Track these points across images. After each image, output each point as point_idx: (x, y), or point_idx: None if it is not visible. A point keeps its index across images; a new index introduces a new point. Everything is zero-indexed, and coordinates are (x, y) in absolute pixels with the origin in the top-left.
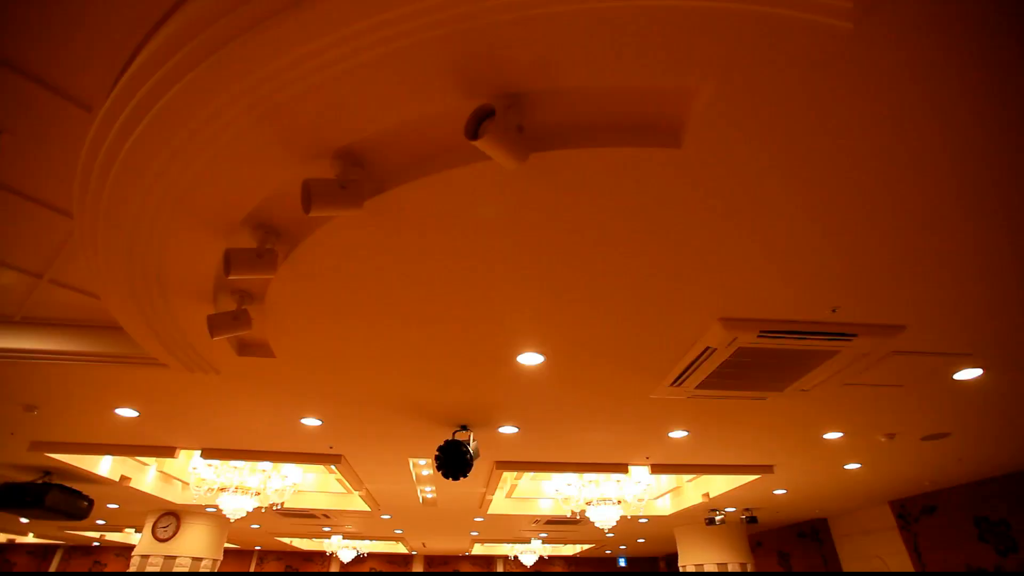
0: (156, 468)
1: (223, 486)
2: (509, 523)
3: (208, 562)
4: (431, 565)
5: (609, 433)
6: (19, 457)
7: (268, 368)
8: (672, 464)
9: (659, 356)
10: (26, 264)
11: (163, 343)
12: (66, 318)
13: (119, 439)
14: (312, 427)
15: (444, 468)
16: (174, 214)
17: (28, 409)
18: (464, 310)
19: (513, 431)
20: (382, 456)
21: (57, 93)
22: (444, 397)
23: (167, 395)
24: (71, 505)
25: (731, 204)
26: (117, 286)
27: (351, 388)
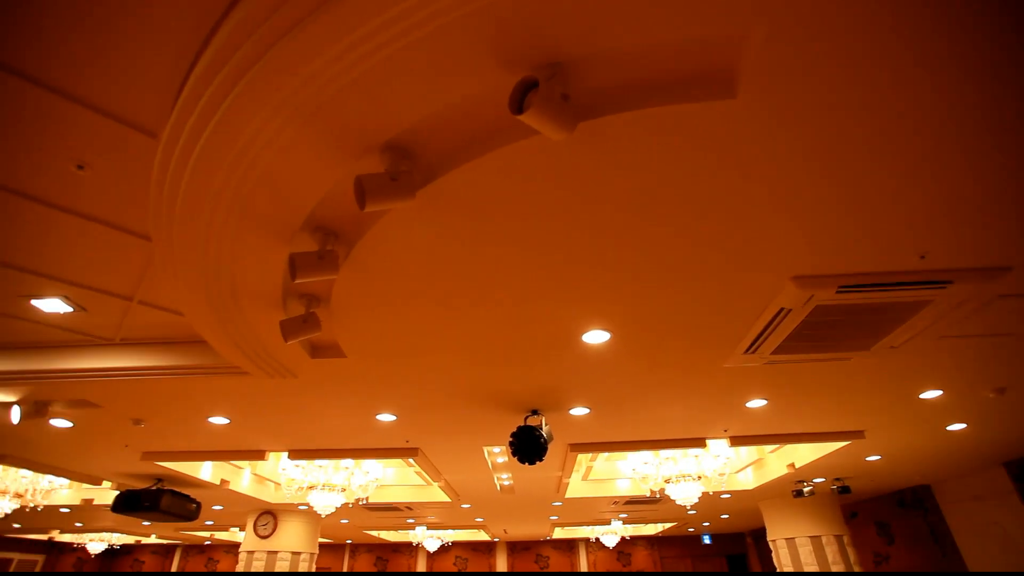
0: (250, 471)
1: (311, 484)
2: (587, 505)
3: (306, 556)
4: (513, 551)
5: (683, 407)
6: (134, 467)
7: (341, 368)
8: (752, 435)
9: (730, 323)
10: (118, 289)
11: (243, 352)
12: (157, 336)
13: (215, 446)
14: (388, 422)
15: (519, 454)
16: (239, 225)
17: (136, 423)
18: (524, 292)
19: (584, 412)
20: (457, 447)
21: (125, 123)
22: (513, 383)
23: (252, 402)
24: (182, 508)
25: (797, 152)
26: (196, 300)
27: (421, 381)
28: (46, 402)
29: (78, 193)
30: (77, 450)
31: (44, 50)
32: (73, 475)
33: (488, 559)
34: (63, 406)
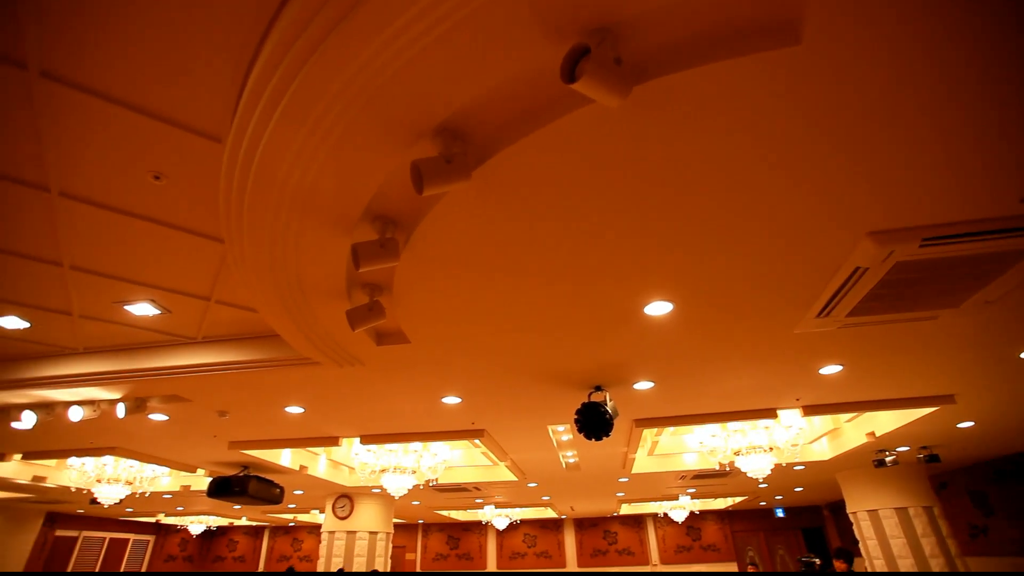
0: (326, 457)
1: (383, 468)
2: (654, 481)
3: (382, 535)
4: (581, 527)
5: (751, 377)
6: (223, 455)
7: (405, 354)
8: (827, 404)
9: (800, 286)
10: (196, 290)
11: (313, 343)
12: (234, 333)
13: (292, 434)
14: (453, 405)
15: (585, 430)
16: (303, 219)
17: (221, 414)
18: (583, 267)
19: (649, 386)
20: (522, 426)
21: (192, 132)
22: (575, 360)
23: (324, 390)
24: (267, 492)
25: (871, 96)
26: (268, 296)
27: (484, 363)
28: (144, 398)
29: (157, 202)
30: (173, 441)
31: (115, 68)
32: (172, 464)
33: (556, 536)
34: (158, 401)
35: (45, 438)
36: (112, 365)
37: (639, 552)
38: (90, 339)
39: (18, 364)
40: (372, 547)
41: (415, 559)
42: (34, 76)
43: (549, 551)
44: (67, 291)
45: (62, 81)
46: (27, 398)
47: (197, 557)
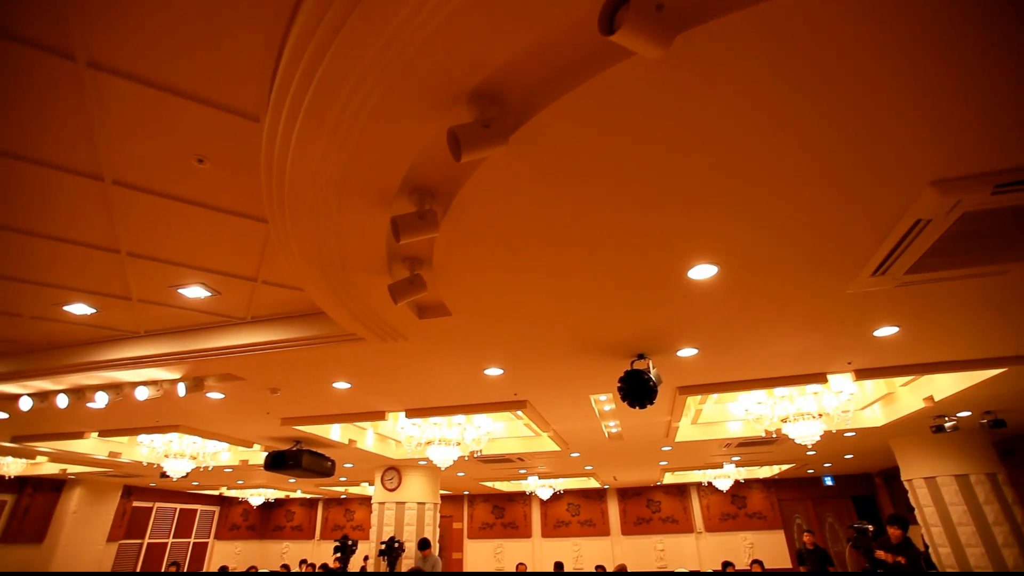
0: (373, 431)
1: (428, 440)
2: (698, 449)
3: (430, 505)
4: (624, 497)
5: (800, 341)
6: (276, 431)
7: (447, 327)
8: (881, 368)
9: (854, 243)
10: (243, 271)
11: (357, 319)
12: (281, 312)
13: (340, 409)
14: (495, 376)
15: (629, 398)
16: (342, 195)
17: (273, 391)
18: (625, 232)
19: (692, 353)
20: (564, 396)
21: (231, 112)
22: (617, 328)
23: (369, 366)
24: (320, 465)
25: (936, 30)
26: (311, 273)
27: (525, 333)
28: (201, 378)
29: (202, 186)
30: (230, 418)
31: (153, 52)
32: (230, 439)
33: (600, 505)
34: (214, 380)
35: (117, 417)
36: (170, 347)
37: (683, 520)
38: (149, 322)
39: (88, 348)
40: (421, 516)
41: (462, 528)
42: (82, 67)
43: (593, 519)
44: (125, 277)
45: (108, 70)
46: (98, 380)
47: (258, 526)
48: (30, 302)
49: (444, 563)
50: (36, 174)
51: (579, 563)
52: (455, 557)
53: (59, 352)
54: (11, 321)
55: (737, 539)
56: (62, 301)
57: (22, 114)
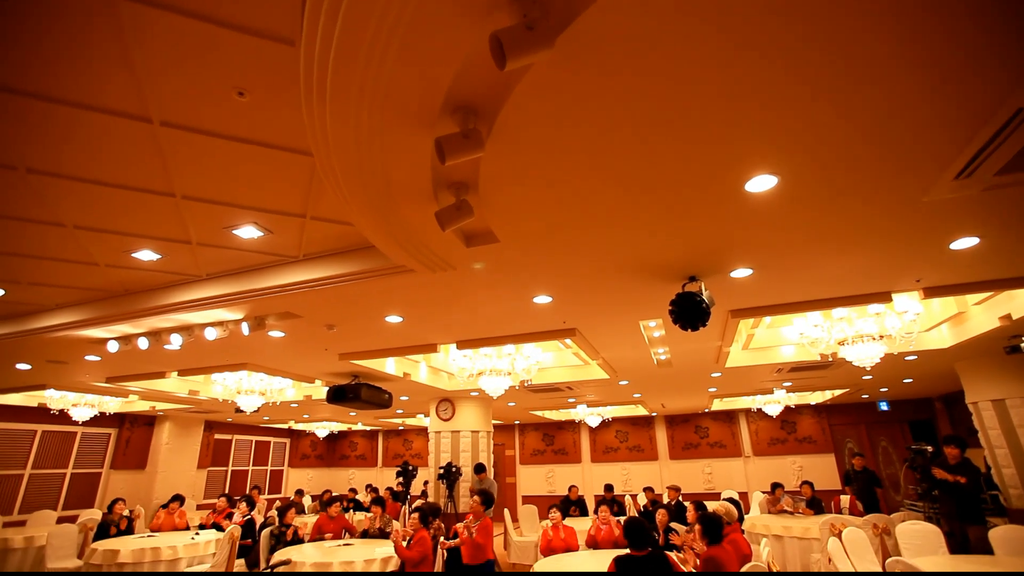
0: (426, 364)
1: (480, 371)
2: (748, 375)
3: (483, 433)
4: (672, 424)
5: (864, 257)
6: (335, 366)
7: (495, 254)
8: (955, 284)
9: (936, 142)
10: (292, 208)
11: (405, 249)
12: (332, 248)
13: (394, 343)
14: (544, 305)
15: (681, 320)
16: (384, 115)
17: (329, 327)
18: (680, 145)
19: (746, 274)
20: (613, 323)
21: (266, 38)
22: (669, 250)
23: (420, 298)
24: (378, 397)
25: None
26: (358, 203)
27: (574, 258)
28: (262, 316)
29: (244, 121)
30: (292, 355)
31: None
32: (293, 375)
33: (648, 432)
34: (274, 319)
35: (192, 357)
36: (230, 288)
37: (731, 445)
38: (210, 265)
39: (158, 293)
40: (475, 444)
41: (514, 455)
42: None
43: (641, 445)
44: (183, 221)
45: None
46: (171, 323)
47: (326, 455)
48: (102, 250)
49: (498, 486)
50: (87, 120)
51: (628, 486)
52: (509, 481)
53: (134, 297)
54: (89, 270)
55: (786, 462)
56: (129, 248)
57: (63, 57)
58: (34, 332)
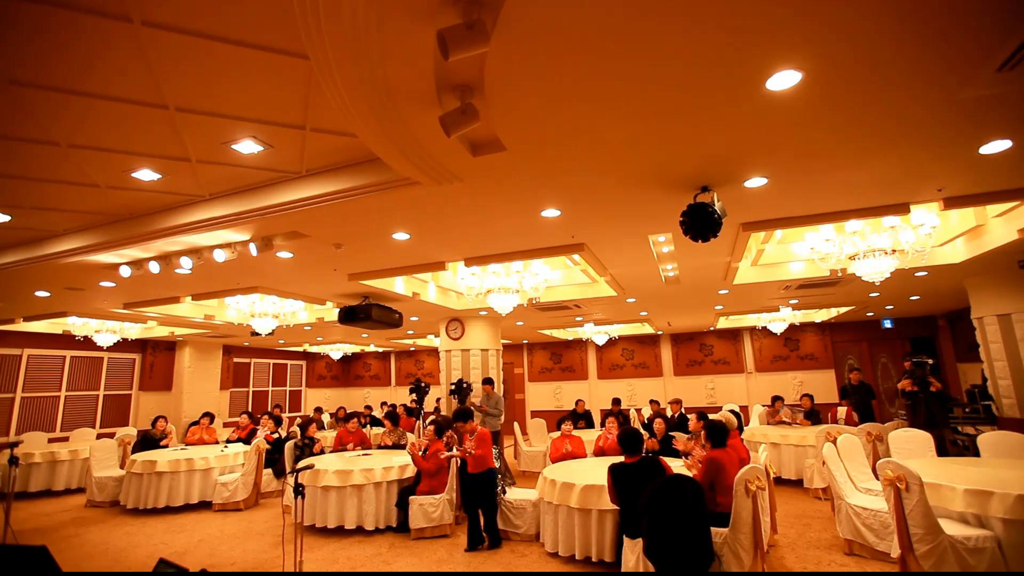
0: (434, 284)
1: (488, 289)
2: (756, 292)
3: (492, 351)
4: (677, 342)
5: (886, 165)
6: (345, 287)
7: (502, 164)
8: (979, 194)
9: (978, 29)
10: (291, 119)
11: (409, 159)
12: (336, 162)
13: (401, 262)
14: (552, 219)
15: (692, 231)
16: (381, 5)
17: (337, 247)
18: (697, 36)
19: (761, 183)
20: (622, 238)
21: None
22: (681, 157)
23: (426, 213)
24: (388, 317)
25: None
26: (358, 108)
27: (583, 167)
28: (269, 237)
29: (233, 19)
30: (302, 276)
31: None
32: (304, 297)
33: (653, 350)
34: (282, 239)
35: (204, 282)
36: (235, 207)
37: (734, 362)
38: (212, 184)
39: (163, 215)
40: (485, 362)
41: (523, 372)
42: None
43: (646, 362)
44: (180, 136)
45: None
46: (180, 245)
47: (341, 376)
48: (100, 171)
49: (508, 402)
50: (66, 20)
51: (632, 401)
52: (518, 398)
53: (140, 220)
54: (90, 192)
55: (787, 378)
56: (129, 168)
57: None
58: (46, 258)
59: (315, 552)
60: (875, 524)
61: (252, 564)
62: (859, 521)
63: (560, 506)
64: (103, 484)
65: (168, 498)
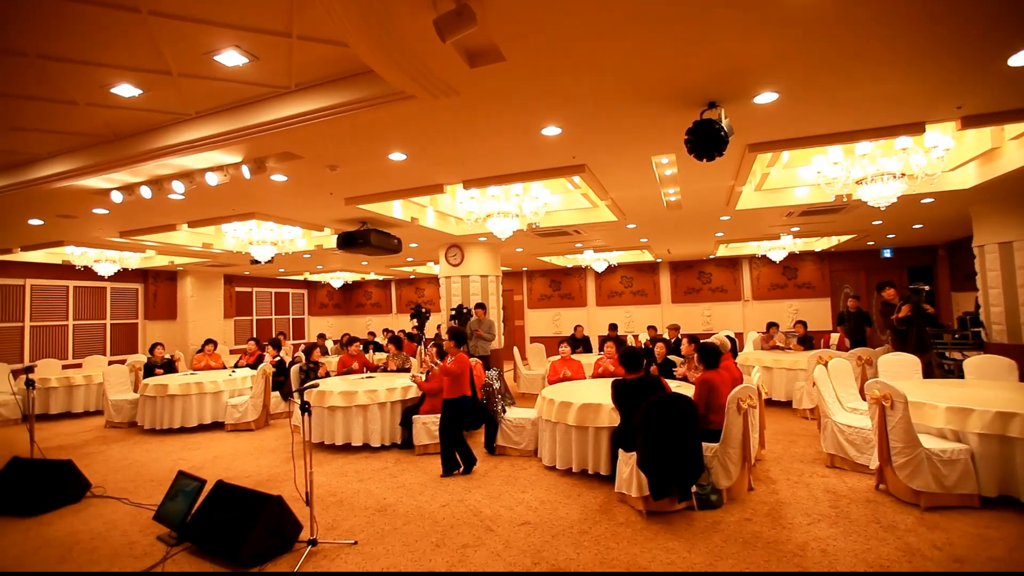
0: (433, 209)
1: (488, 214)
2: (758, 218)
3: (492, 277)
4: (676, 269)
5: (904, 79)
6: (342, 212)
7: (501, 76)
8: (998, 112)
9: None
10: (275, 26)
11: (403, 70)
12: (326, 75)
13: (399, 185)
14: (553, 137)
15: (697, 149)
16: None
17: (332, 168)
18: None
19: (771, 99)
20: (624, 159)
21: None
22: (689, 68)
23: (423, 131)
24: (387, 242)
25: None
26: (348, 14)
27: (587, 77)
28: (262, 158)
29: None
30: (297, 201)
31: None
32: (302, 224)
33: (652, 277)
34: (275, 161)
35: (199, 208)
36: (223, 126)
37: (732, 290)
38: (197, 101)
39: (150, 136)
40: (484, 288)
41: (522, 300)
42: None
43: (645, 290)
44: (157, 45)
45: None
46: (170, 168)
47: (343, 304)
48: (77, 86)
49: (507, 328)
50: None
51: (630, 327)
52: (517, 324)
53: (126, 142)
54: (70, 110)
55: (783, 306)
56: (107, 83)
57: None
58: (32, 183)
59: (325, 466)
60: (857, 440)
61: (266, 477)
62: (843, 437)
63: (558, 423)
64: (119, 406)
65: (182, 419)
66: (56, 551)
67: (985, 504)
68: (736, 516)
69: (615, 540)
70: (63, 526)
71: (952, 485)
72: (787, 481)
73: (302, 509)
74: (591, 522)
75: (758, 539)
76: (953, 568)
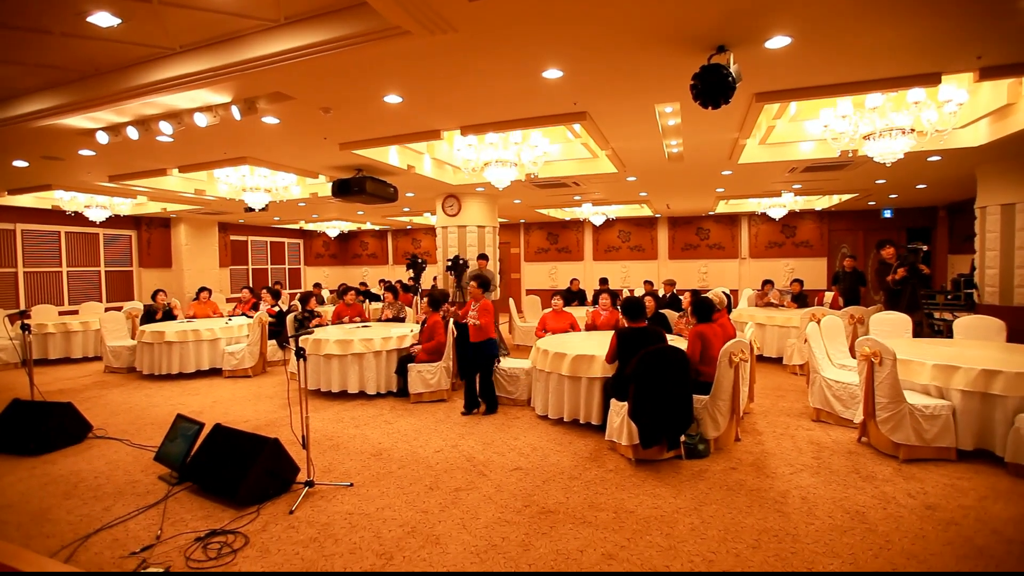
0: (429, 157)
1: (486, 162)
2: (760, 174)
3: (489, 228)
4: (675, 225)
5: (924, 24)
6: (336, 158)
7: (502, 10)
8: (1021, 63)
9: None
10: None
11: (398, 1)
12: (317, 7)
13: (395, 130)
14: (554, 81)
15: (703, 96)
16: None
17: (325, 111)
18: None
19: (784, 43)
20: (626, 107)
21: None
22: (701, 5)
23: (419, 72)
24: (383, 190)
25: None
26: None
27: (591, 14)
28: (252, 99)
29: None
30: (291, 146)
31: None
32: (296, 170)
33: (650, 232)
34: (265, 102)
35: (189, 152)
36: (209, 62)
37: (729, 247)
38: (181, 34)
39: (132, 71)
40: (481, 239)
41: (519, 252)
42: None
43: (642, 245)
44: None
45: None
46: (156, 108)
47: (339, 254)
48: (49, 12)
49: (503, 281)
50: None
51: (627, 282)
52: (514, 277)
53: (108, 77)
54: (46, 40)
55: (779, 265)
56: (83, 10)
57: None
58: (11, 121)
59: (321, 412)
60: (844, 395)
61: (264, 422)
62: (830, 392)
63: (552, 373)
64: (118, 352)
65: (180, 365)
66: (61, 487)
67: (961, 457)
68: (722, 465)
69: (604, 486)
70: (67, 464)
71: (931, 439)
72: (773, 433)
73: (299, 453)
74: (581, 468)
75: (742, 486)
76: (925, 514)
